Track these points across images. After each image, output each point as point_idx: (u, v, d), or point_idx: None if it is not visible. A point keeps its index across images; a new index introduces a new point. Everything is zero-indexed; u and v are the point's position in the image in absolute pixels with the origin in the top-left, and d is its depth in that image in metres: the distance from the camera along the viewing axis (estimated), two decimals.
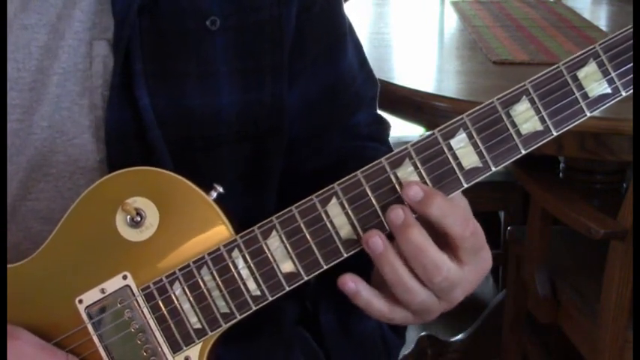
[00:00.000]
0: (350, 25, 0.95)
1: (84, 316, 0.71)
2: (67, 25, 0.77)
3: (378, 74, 1.00)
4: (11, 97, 0.76)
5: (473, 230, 0.70)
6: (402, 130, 2.33)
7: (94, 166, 0.78)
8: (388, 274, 0.70)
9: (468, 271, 0.71)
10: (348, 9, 0.97)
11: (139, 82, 0.78)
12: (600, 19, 2.55)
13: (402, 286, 0.70)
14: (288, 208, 0.71)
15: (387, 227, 0.70)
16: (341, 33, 0.93)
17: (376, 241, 0.69)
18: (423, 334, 2.24)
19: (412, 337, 2.24)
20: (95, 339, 0.71)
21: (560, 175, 2.04)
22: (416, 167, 0.70)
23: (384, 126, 0.99)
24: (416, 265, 0.69)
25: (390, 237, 0.70)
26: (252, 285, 0.71)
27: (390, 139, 0.99)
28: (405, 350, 2.22)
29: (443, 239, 0.70)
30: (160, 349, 0.71)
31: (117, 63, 0.77)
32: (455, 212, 0.69)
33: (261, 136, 0.85)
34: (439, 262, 0.69)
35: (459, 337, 2.27)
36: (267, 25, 0.83)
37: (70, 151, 0.78)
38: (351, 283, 0.70)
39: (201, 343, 0.72)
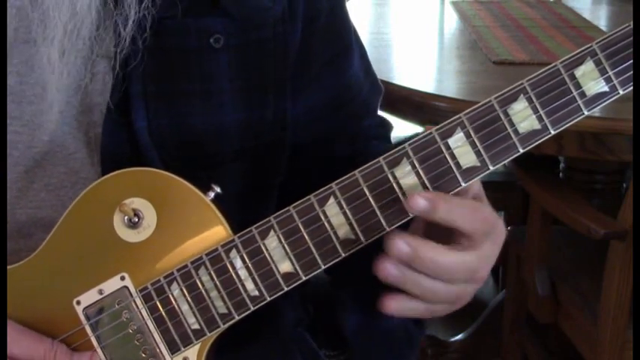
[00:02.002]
0: (355, 33, 0.95)
1: (82, 317, 0.71)
2: (70, 41, 0.76)
3: (378, 74, 0.99)
4: (10, 109, 0.76)
5: (482, 219, 0.70)
6: (403, 130, 2.33)
7: (95, 178, 0.78)
8: (416, 292, 0.70)
9: (485, 249, 0.71)
10: (348, 9, 0.97)
11: (136, 104, 0.77)
12: (600, 19, 2.54)
13: (432, 294, 0.70)
14: (286, 208, 0.71)
15: (385, 226, 0.70)
16: (346, 44, 0.93)
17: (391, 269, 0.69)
18: None
19: None
20: (93, 340, 0.71)
21: (560, 175, 2.04)
22: (413, 166, 0.70)
23: (387, 127, 0.99)
24: (438, 275, 0.69)
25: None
26: (250, 285, 0.71)
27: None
28: None
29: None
30: (158, 349, 0.71)
31: (115, 83, 0.77)
32: (462, 212, 0.69)
33: (262, 152, 0.85)
34: (457, 262, 0.69)
35: (459, 337, 2.26)
36: (270, 42, 0.83)
37: (71, 164, 0.78)
38: (394, 303, 0.70)
39: (199, 344, 0.72)
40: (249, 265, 0.71)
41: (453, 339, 2.26)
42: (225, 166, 0.83)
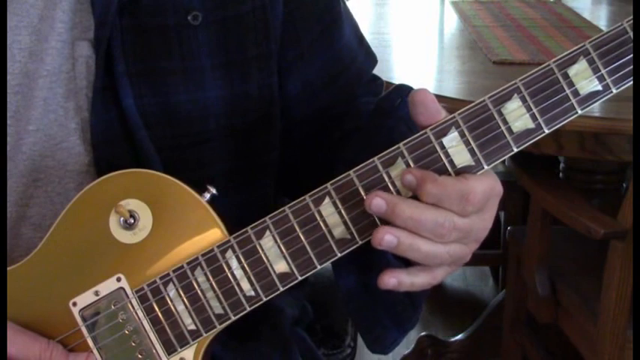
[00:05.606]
0: (344, 4, 0.94)
1: (78, 318, 0.71)
2: (49, 26, 0.77)
3: (378, 74, 1.00)
4: None
5: (473, 202, 0.68)
6: None
7: (83, 170, 0.78)
8: (415, 257, 0.69)
9: (477, 219, 0.70)
10: (348, 9, 0.97)
11: (123, 83, 0.77)
12: (600, 19, 2.54)
13: (432, 258, 0.69)
14: (282, 209, 0.71)
15: (380, 226, 0.70)
16: (335, 14, 0.92)
17: (389, 238, 0.68)
18: (423, 334, 2.24)
19: (412, 337, 2.24)
20: (89, 341, 0.71)
21: (560, 175, 2.04)
22: (408, 166, 0.70)
23: (377, 82, 0.98)
24: (422, 233, 0.68)
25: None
26: (246, 285, 0.71)
27: None
28: (405, 350, 2.21)
29: None
30: (154, 350, 0.71)
31: (99, 64, 0.77)
32: (448, 195, 0.68)
33: (250, 129, 0.84)
34: (440, 220, 0.68)
35: (459, 337, 2.26)
36: (250, 17, 0.83)
37: (58, 155, 0.78)
38: (392, 279, 0.70)
39: (195, 345, 0.72)
40: (245, 265, 0.71)
41: (453, 339, 2.26)
42: (214, 143, 0.82)
